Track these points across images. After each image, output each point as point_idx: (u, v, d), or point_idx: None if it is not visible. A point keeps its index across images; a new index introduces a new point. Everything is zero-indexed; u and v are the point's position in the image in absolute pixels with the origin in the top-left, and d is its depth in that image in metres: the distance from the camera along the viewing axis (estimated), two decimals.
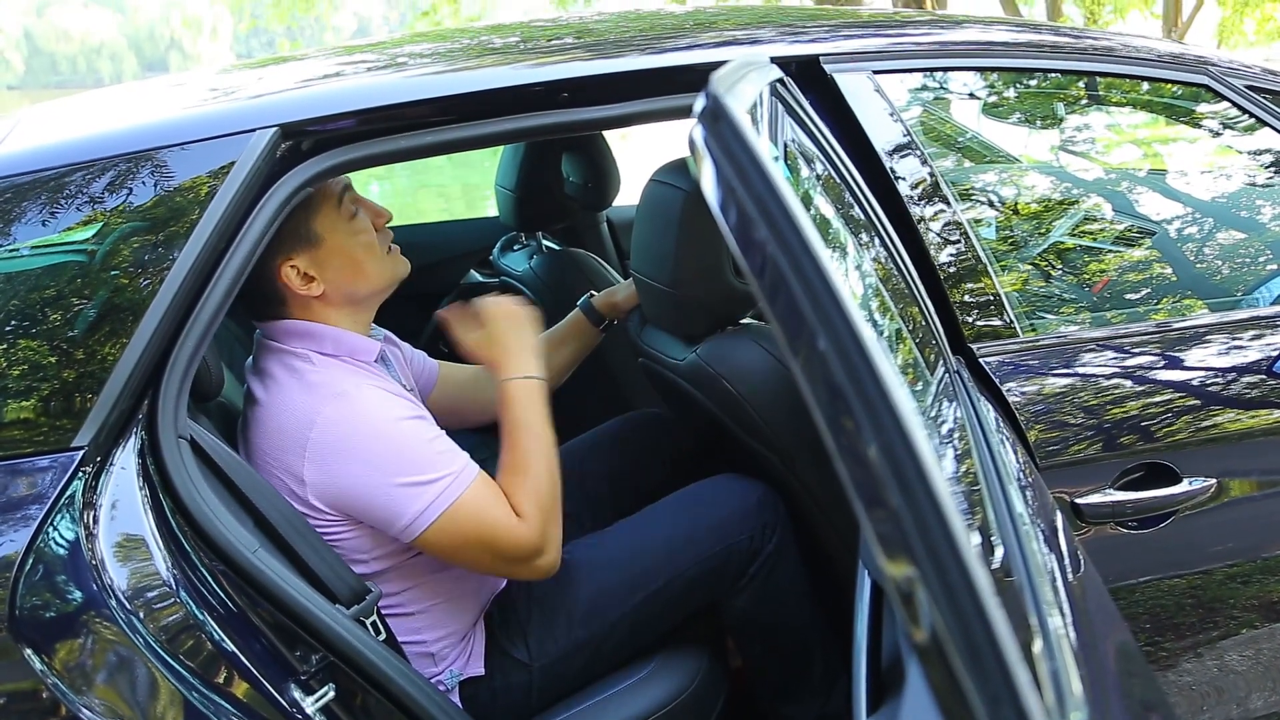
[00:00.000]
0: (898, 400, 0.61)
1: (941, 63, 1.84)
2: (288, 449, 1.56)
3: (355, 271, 1.66)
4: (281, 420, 1.58)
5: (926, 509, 0.58)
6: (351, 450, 1.54)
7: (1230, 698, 1.77)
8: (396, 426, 1.58)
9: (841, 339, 0.63)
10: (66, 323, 1.32)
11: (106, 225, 1.38)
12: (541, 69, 1.64)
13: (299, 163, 1.46)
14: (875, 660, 1.27)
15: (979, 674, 0.55)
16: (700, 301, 1.86)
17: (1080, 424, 1.62)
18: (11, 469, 1.25)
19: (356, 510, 1.56)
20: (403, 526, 1.55)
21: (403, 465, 1.55)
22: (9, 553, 1.18)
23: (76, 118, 1.71)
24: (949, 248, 1.66)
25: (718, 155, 0.70)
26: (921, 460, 0.59)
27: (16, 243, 1.37)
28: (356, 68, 1.84)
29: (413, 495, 1.53)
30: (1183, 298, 1.86)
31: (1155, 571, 1.68)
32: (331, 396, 1.57)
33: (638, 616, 1.77)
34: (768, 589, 1.83)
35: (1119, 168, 2.13)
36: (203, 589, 1.28)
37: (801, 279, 0.65)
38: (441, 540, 1.56)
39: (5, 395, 1.29)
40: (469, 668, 1.74)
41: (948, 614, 0.56)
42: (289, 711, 1.27)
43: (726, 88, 0.76)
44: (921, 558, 0.58)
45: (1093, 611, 1.00)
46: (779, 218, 0.66)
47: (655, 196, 1.90)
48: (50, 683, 1.15)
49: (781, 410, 1.80)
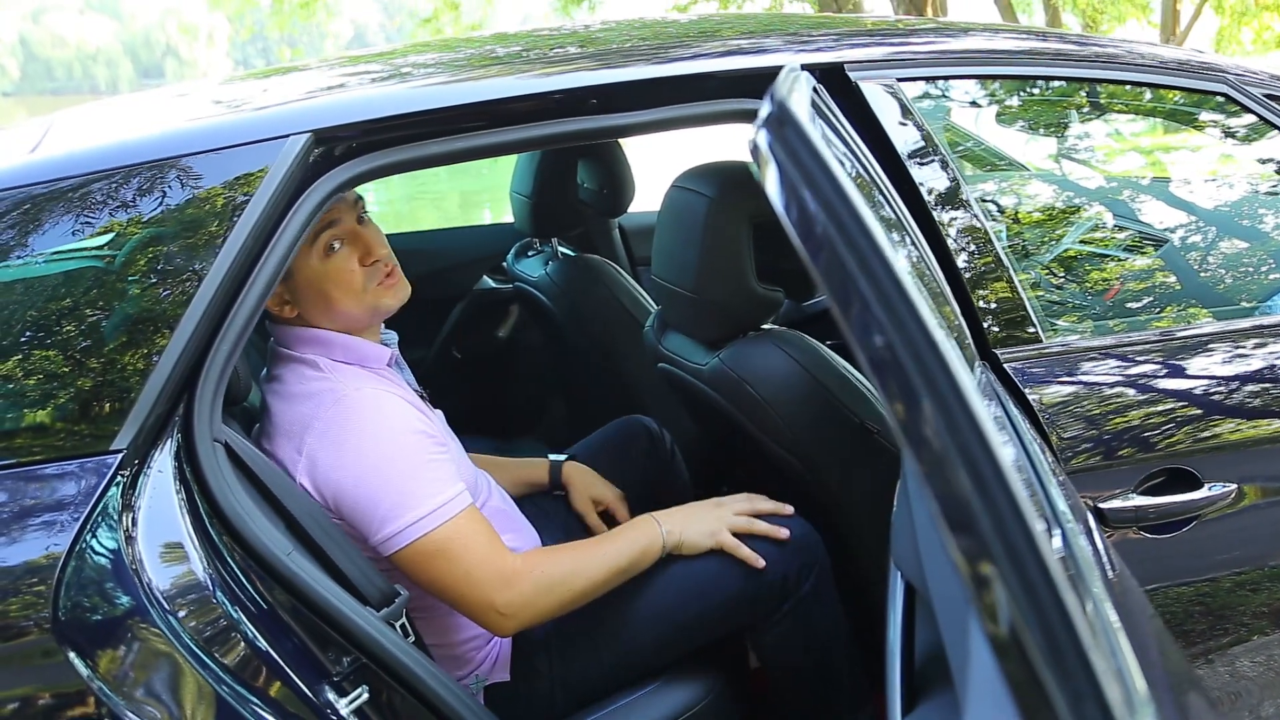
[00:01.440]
0: (970, 396, 0.62)
1: (963, 70, 1.85)
2: (291, 439, 1.57)
3: (326, 306, 1.64)
4: (288, 418, 1.59)
5: (1003, 505, 0.59)
6: (348, 449, 1.55)
7: (1243, 704, 1.77)
8: (400, 438, 1.58)
9: (912, 335, 0.64)
10: (103, 328, 1.33)
11: (141, 231, 1.39)
12: (568, 76, 1.65)
13: (331, 168, 1.46)
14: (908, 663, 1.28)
15: (1060, 670, 0.56)
16: (723, 307, 1.87)
17: (1103, 429, 1.63)
18: (51, 472, 1.25)
19: (340, 507, 1.56)
20: (378, 541, 1.55)
21: (392, 481, 1.55)
22: (51, 555, 1.19)
23: (109, 124, 1.72)
24: (972, 253, 1.67)
25: (783, 160, 0.71)
26: (997, 457, 0.60)
27: (52, 248, 1.38)
28: (378, 75, 1.85)
29: (394, 513, 1.54)
30: (1200, 305, 1.87)
31: (1176, 576, 1.68)
32: (340, 395, 1.57)
33: (665, 643, 1.76)
34: (797, 627, 1.79)
35: (1139, 175, 2.15)
36: (238, 591, 1.29)
37: (869, 277, 0.66)
38: (411, 564, 1.56)
39: (45, 399, 1.30)
40: (495, 673, 1.74)
41: (1027, 610, 0.57)
42: (324, 712, 1.28)
43: (787, 93, 0.77)
44: (999, 554, 0.58)
45: (1132, 606, 1.01)
46: (848, 220, 0.67)
47: (678, 203, 1.91)
48: (96, 686, 1.15)
49: (805, 415, 1.81)
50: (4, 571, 1.20)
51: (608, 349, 2.69)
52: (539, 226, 2.83)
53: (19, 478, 1.25)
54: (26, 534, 1.21)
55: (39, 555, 1.20)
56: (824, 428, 1.81)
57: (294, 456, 1.56)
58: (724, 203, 1.82)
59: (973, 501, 0.59)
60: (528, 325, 3.19)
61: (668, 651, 1.78)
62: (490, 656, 1.74)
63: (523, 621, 1.60)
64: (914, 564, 1.20)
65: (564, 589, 1.61)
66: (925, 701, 1.22)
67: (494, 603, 1.57)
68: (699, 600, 1.74)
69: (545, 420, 3.26)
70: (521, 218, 2.85)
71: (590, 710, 1.77)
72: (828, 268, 0.68)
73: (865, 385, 1.87)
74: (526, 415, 3.25)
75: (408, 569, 1.57)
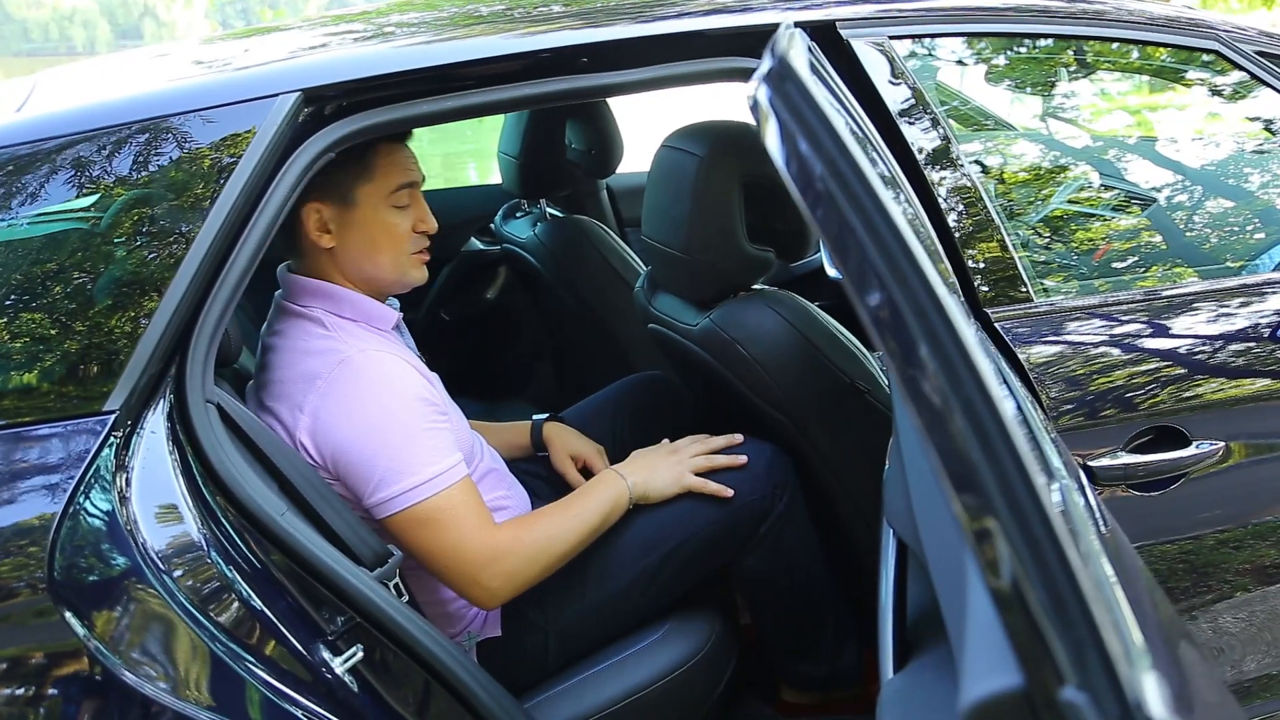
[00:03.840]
0: (973, 350, 0.62)
1: (955, 28, 1.84)
2: (293, 394, 1.57)
3: (370, 251, 1.66)
4: (291, 375, 1.59)
5: (1006, 460, 0.59)
6: (352, 408, 1.55)
7: (1226, 659, 1.80)
8: (403, 404, 1.59)
9: (915, 291, 0.64)
10: (94, 288, 1.32)
11: (130, 191, 1.38)
12: (556, 35, 1.64)
13: (320, 128, 1.45)
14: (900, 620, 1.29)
15: (1062, 620, 0.56)
16: (714, 267, 1.86)
17: (1092, 388, 1.64)
18: (45, 433, 1.25)
19: (336, 467, 1.57)
20: (371, 505, 1.56)
21: (391, 445, 1.56)
22: (46, 515, 1.19)
23: (93, 84, 1.70)
24: (963, 212, 1.67)
25: (784, 115, 0.71)
26: (1000, 411, 0.60)
27: (40, 209, 1.37)
28: (363, 34, 1.83)
29: (390, 478, 1.55)
30: (1186, 264, 1.88)
31: (1164, 534, 1.70)
32: (346, 356, 1.58)
33: (652, 579, 1.79)
34: (779, 548, 1.84)
35: (1127, 134, 2.15)
36: (233, 551, 1.29)
37: (872, 233, 0.66)
38: (401, 531, 1.57)
39: (36, 361, 1.29)
40: (486, 629, 1.75)
41: (1029, 563, 0.57)
42: (318, 671, 1.29)
43: (787, 49, 0.76)
44: (1000, 508, 0.59)
45: (1125, 560, 1.02)
46: (849, 175, 0.67)
47: (668, 162, 1.90)
48: (92, 645, 1.15)
49: (795, 374, 1.81)
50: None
51: (597, 310, 2.69)
52: (527, 187, 2.81)
53: (12, 439, 1.25)
54: (20, 495, 1.22)
55: (33, 516, 1.20)
56: (814, 387, 1.82)
57: (294, 413, 1.57)
58: (714, 162, 1.81)
59: (974, 455, 0.60)
60: (516, 287, 3.18)
61: (656, 591, 1.80)
62: (481, 613, 1.75)
63: (504, 597, 1.64)
64: (907, 521, 1.21)
65: (545, 557, 1.65)
66: (918, 658, 1.24)
67: (478, 578, 1.60)
68: (680, 531, 1.78)
69: (534, 382, 3.25)
70: (509, 178, 2.84)
71: (583, 667, 1.78)
72: (827, 220, 0.68)
73: (856, 345, 1.87)
74: (515, 378, 3.25)
75: (397, 536, 1.59)
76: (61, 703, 1.17)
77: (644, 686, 1.75)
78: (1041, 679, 0.58)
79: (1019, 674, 0.60)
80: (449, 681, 1.45)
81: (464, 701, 1.47)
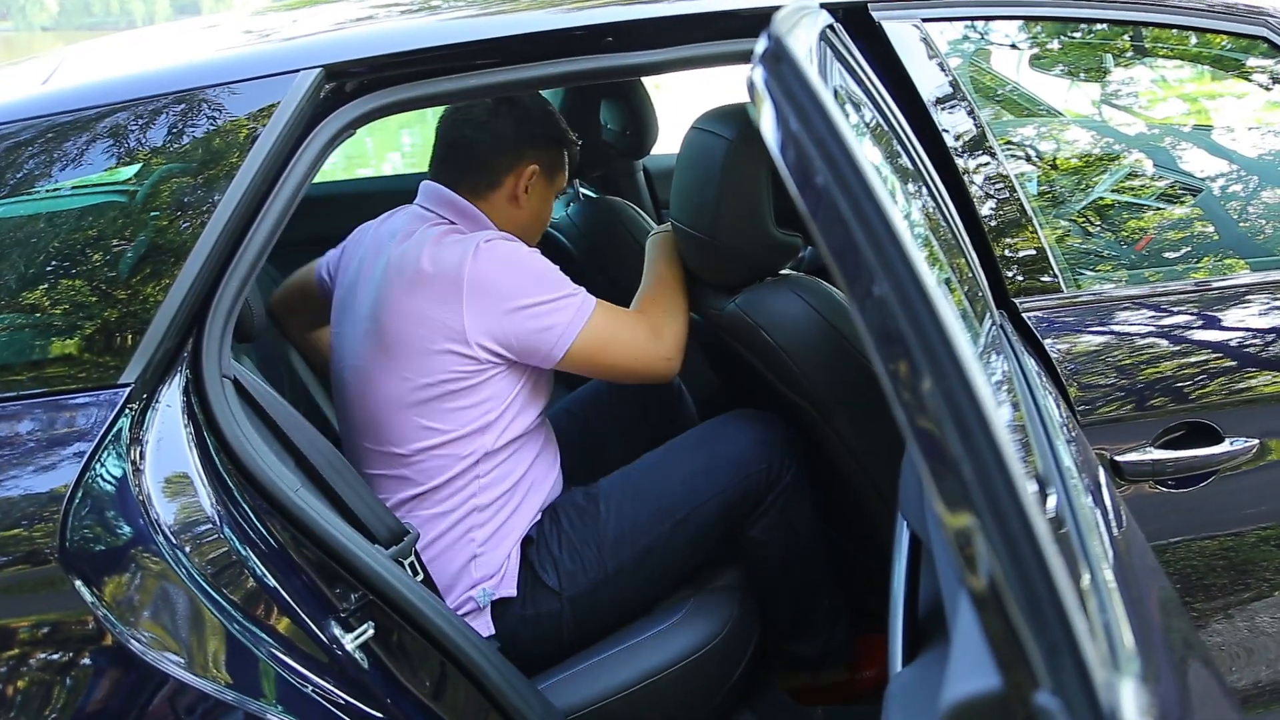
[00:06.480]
0: (959, 346, 0.60)
1: (989, 11, 1.80)
2: (446, 298, 1.71)
3: (532, 224, 1.95)
4: (431, 272, 1.72)
5: (988, 457, 0.57)
6: (502, 282, 1.72)
7: (1260, 659, 1.76)
8: (533, 257, 1.79)
9: (902, 282, 0.62)
10: (111, 262, 1.33)
11: (149, 165, 1.38)
12: (585, 13, 1.62)
13: (342, 104, 1.45)
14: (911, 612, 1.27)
15: (1037, 623, 0.55)
16: (740, 251, 1.84)
17: (1121, 381, 1.61)
18: (60, 404, 1.26)
19: (513, 339, 1.73)
20: (554, 340, 1.74)
21: (547, 285, 1.76)
22: (59, 486, 1.20)
23: (117, 57, 1.71)
24: (995, 200, 1.64)
25: (779, 97, 0.69)
26: (983, 408, 0.58)
27: (60, 182, 1.38)
28: (405, 7, 1.83)
29: (558, 309, 1.74)
30: (1227, 257, 1.83)
31: (1191, 531, 1.67)
32: (477, 243, 1.74)
33: (665, 547, 1.81)
34: (784, 518, 1.88)
35: (1167, 122, 2.09)
36: (245, 526, 1.30)
37: (862, 222, 0.64)
38: (587, 344, 1.76)
39: (52, 333, 1.30)
40: (501, 587, 1.76)
41: (1007, 563, 0.56)
42: (329, 647, 1.29)
43: (787, 30, 0.75)
44: (981, 506, 0.57)
45: (1137, 565, 1.00)
46: (841, 160, 0.65)
47: (696, 144, 1.88)
48: (100, 614, 1.16)
49: (819, 362, 1.79)
50: (12, 501, 1.21)
51: (628, 291, 2.67)
52: None
53: (27, 409, 1.26)
54: (35, 464, 1.23)
55: (47, 486, 1.21)
56: (839, 375, 1.80)
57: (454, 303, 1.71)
58: (743, 145, 1.79)
59: (956, 451, 0.58)
60: None
61: (672, 560, 1.83)
62: (500, 568, 1.77)
63: (680, 353, 1.88)
64: (919, 514, 1.19)
65: (677, 314, 1.92)
66: (927, 651, 1.22)
67: (660, 353, 1.85)
68: (695, 497, 1.83)
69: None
70: None
71: (600, 649, 1.78)
72: (815, 208, 0.67)
73: None
74: None
75: (580, 355, 1.77)
76: (69, 670, 1.18)
77: (660, 670, 1.76)
78: (1017, 682, 0.57)
79: (998, 676, 0.59)
80: (461, 661, 1.46)
81: (476, 681, 1.47)
